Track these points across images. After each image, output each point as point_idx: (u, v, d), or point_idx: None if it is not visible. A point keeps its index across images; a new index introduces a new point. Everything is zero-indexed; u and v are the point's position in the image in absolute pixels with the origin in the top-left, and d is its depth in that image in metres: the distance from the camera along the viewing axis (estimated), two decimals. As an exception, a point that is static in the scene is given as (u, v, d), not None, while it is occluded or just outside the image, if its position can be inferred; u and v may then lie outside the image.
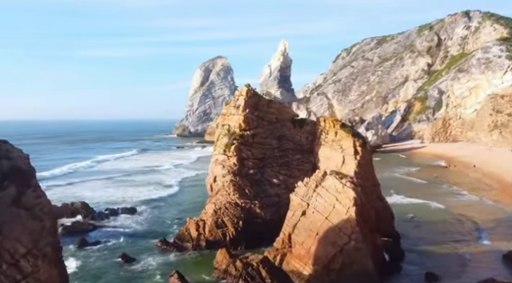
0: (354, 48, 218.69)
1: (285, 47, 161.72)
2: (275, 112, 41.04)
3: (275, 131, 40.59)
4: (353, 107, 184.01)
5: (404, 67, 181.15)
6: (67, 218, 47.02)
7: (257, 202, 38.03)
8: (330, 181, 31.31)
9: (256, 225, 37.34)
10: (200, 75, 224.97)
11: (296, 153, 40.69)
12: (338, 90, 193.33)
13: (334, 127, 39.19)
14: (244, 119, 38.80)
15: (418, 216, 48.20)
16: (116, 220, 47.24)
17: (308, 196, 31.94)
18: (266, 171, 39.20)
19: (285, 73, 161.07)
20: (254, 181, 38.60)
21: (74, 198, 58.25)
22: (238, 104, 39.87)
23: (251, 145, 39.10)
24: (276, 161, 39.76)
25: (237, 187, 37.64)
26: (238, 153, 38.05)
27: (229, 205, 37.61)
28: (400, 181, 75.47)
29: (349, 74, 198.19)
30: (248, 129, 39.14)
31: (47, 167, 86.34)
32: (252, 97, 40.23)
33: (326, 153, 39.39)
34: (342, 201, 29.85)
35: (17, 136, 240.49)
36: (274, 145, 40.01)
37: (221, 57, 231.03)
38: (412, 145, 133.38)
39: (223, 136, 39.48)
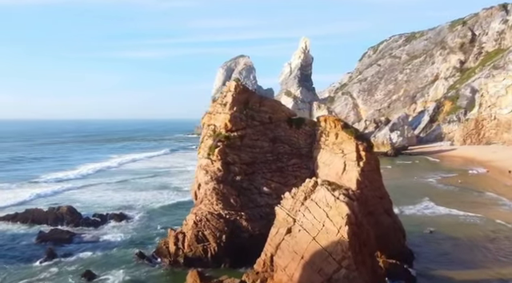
0: (381, 45, 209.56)
1: (305, 44, 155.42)
2: (268, 110, 36.00)
3: (268, 132, 35.55)
4: (379, 107, 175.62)
5: (434, 65, 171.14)
6: (48, 225, 43.88)
7: (243, 214, 33.12)
8: (321, 192, 26.00)
9: (242, 240, 32.44)
10: (222, 74, 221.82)
11: (292, 157, 35.50)
12: (363, 90, 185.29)
13: (335, 128, 33.80)
14: (230, 118, 33.99)
15: (442, 229, 42.05)
16: (101, 227, 43.52)
17: (295, 210, 26.78)
18: (255, 178, 34.23)
19: (305, 71, 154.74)
20: (241, 190, 33.71)
21: (73, 202, 55.50)
22: (226, 101, 35.11)
23: (239, 148, 34.23)
24: (268, 166, 34.71)
25: (220, 196, 32.86)
26: (222, 157, 33.28)
27: (211, 216, 32.87)
28: (428, 187, 68.60)
29: (375, 73, 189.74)
30: (235, 130, 34.30)
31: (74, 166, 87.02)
32: (241, 93, 35.37)
33: (326, 158, 34.05)
34: (333, 218, 24.51)
35: (60, 134, 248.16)
36: (265, 148, 34.98)
37: (243, 57, 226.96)
38: (441, 148, 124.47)
39: (208, 137, 34.83)
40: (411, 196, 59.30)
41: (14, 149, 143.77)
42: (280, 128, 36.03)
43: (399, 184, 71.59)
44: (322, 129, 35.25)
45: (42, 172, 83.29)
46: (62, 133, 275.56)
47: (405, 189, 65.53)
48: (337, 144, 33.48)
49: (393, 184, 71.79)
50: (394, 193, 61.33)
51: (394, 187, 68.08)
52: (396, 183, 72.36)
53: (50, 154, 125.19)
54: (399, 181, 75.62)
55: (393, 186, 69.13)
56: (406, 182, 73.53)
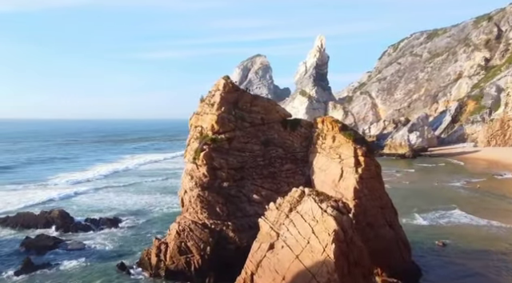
0: (402, 43, 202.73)
1: (321, 43, 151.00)
2: (261, 111, 33.12)
3: (259, 134, 32.67)
4: (398, 107, 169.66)
5: (457, 63, 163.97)
6: (38, 229, 42.35)
7: (230, 224, 30.34)
8: (308, 204, 22.96)
9: (228, 252, 29.65)
10: (238, 74, 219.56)
11: (286, 162, 32.52)
12: (382, 89, 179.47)
13: (332, 130, 30.60)
14: (217, 119, 31.27)
15: (459, 241, 38.35)
16: (90, 233, 41.63)
17: (279, 223, 23.83)
18: (244, 184, 31.40)
19: (321, 70, 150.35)
20: (229, 197, 30.94)
21: (72, 205, 54.20)
22: (213, 101, 32.41)
23: (227, 151, 31.47)
24: (259, 171, 31.83)
25: (205, 204, 30.19)
26: (208, 162, 30.60)
27: (194, 226, 30.24)
28: (449, 192, 64.04)
29: (395, 72, 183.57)
30: (223, 132, 31.57)
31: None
32: (231, 91, 32.61)
33: (322, 164, 30.90)
34: (318, 234, 21.45)
35: (80, 134, 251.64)
36: (256, 152, 32.10)
37: (260, 56, 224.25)
38: (463, 149, 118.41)
39: (194, 140, 32.22)
40: (430, 202, 55.32)
41: (30, 149, 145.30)
42: (273, 130, 33.12)
43: (418, 188, 67.29)
44: (319, 132, 32.14)
45: (51, 174, 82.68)
46: (84, 132, 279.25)
47: (423, 195, 61.45)
48: (334, 148, 30.30)
49: (411, 188, 67.59)
50: (410, 199, 58.28)
51: (411, 192, 64.11)
52: (414, 188, 68.15)
53: (66, 155, 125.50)
54: (418, 185, 71.22)
55: (410, 191, 65.30)
56: (426, 187, 69.15)
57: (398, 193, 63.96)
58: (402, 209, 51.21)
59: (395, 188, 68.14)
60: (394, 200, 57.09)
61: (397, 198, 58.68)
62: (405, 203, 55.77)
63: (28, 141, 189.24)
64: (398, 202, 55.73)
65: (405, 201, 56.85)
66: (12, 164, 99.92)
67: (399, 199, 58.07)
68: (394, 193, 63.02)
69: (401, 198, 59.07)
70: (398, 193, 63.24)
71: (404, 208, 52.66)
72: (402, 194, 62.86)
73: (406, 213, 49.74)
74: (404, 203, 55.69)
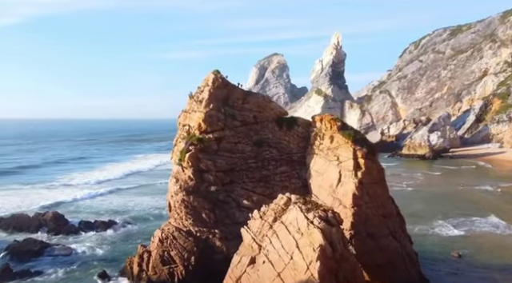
0: (424, 40, 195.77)
1: (338, 40, 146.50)
2: (253, 108, 30.37)
3: (252, 134, 29.93)
4: (419, 106, 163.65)
5: (482, 60, 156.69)
6: (30, 231, 40.94)
7: (217, 232, 27.74)
8: (293, 213, 20.11)
9: (214, 262, 26.99)
10: (255, 73, 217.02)
11: (280, 164, 29.67)
12: (402, 87, 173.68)
13: (331, 129, 27.57)
14: (205, 117, 28.71)
15: (478, 251, 34.70)
16: (81, 236, 39.89)
17: (262, 234, 21.07)
18: (234, 189, 28.72)
19: (337, 68, 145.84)
20: (217, 203, 28.34)
21: (71, 206, 52.83)
22: (202, 97, 29.87)
23: (215, 152, 28.87)
24: (250, 174, 29.09)
25: (190, 210, 27.67)
26: (194, 164, 28.07)
27: (178, 233, 27.77)
28: (474, 197, 59.65)
29: (416, 70, 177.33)
30: (211, 131, 28.99)
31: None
32: (220, 87, 29.99)
33: (320, 166, 27.94)
34: (303, 249, 18.59)
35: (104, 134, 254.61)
36: (248, 153, 29.37)
37: (277, 55, 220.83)
38: (488, 150, 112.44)
39: (181, 140, 29.76)
40: (451, 207, 51.39)
41: (43, 150, 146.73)
42: (267, 129, 30.31)
43: (439, 192, 62.94)
44: (317, 131, 29.18)
45: (62, 174, 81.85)
46: (104, 132, 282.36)
47: (445, 199, 57.35)
48: (332, 149, 27.30)
49: (432, 192, 62.98)
50: (430, 204, 53.80)
51: (432, 196, 59.60)
52: (436, 191, 63.77)
53: (82, 155, 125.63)
54: (440, 188, 66.75)
55: (431, 195, 60.59)
56: (449, 190, 64.79)
57: (418, 196, 60.06)
58: (420, 215, 47.66)
59: (415, 190, 64.23)
60: (412, 204, 53.89)
61: (416, 202, 55.32)
62: (424, 208, 52.00)
63: (48, 140, 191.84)
64: (417, 207, 52.62)
65: (424, 206, 53.05)
66: (32, 163, 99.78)
67: (418, 203, 54.32)
68: (413, 196, 59.63)
69: (420, 202, 55.17)
70: (418, 196, 59.40)
71: (422, 213, 48.97)
72: (421, 198, 58.87)
73: (423, 218, 46.14)
74: (423, 208, 51.92)
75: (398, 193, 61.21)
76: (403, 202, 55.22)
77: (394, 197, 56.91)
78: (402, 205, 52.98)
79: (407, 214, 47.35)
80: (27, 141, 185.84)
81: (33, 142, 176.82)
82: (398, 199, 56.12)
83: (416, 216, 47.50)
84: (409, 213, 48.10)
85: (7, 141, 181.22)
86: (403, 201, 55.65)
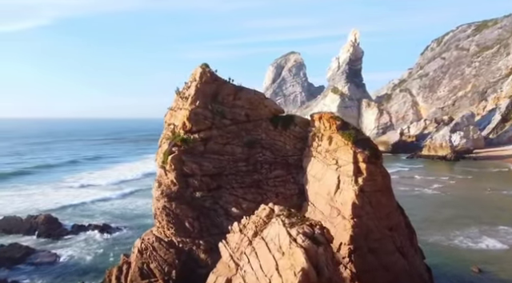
0: (447, 37, 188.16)
1: (355, 37, 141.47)
2: (245, 105, 27.40)
3: (243, 134, 26.97)
4: (441, 105, 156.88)
5: (510, 56, 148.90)
6: (21, 235, 39.29)
7: (202, 243, 24.94)
8: (275, 228, 17.07)
9: (198, 277, 24.15)
10: (272, 72, 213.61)
11: (275, 167, 26.61)
12: (424, 86, 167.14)
13: (330, 129, 24.34)
14: (190, 115, 25.92)
15: (501, 268, 31.14)
16: (70, 241, 37.93)
17: (240, 251, 18.10)
18: (222, 195, 25.84)
19: (354, 66, 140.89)
20: (202, 210, 25.52)
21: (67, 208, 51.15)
22: (188, 93, 27.11)
23: (201, 154, 26.05)
24: (240, 179, 26.15)
25: (172, 218, 24.95)
26: (177, 167, 25.33)
27: (158, 244, 25.10)
28: (501, 203, 55.21)
29: (438, 67, 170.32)
30: (197, 131, 26.18)
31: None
32: (209, 82, 27.14)
33: (317, 171, 24.78)
34: (283, 271, 15.55)
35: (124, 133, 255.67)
36: (238, 156, 26.43)
37: (294, 53, 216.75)
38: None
39: (166, 140, 27.06)
40: (476, 214, 47.31)
41: (61, 148, 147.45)
42: (260, 128, 27.29)
43: (463, 197, 58.46)
44: (315, 131, 25.99)
45: (72, 175, 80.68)
46: (125, 131, 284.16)
47: (469, 205, 53.00)
48: (330, 151, 24.07)
49: (455, 196, 58.34)
50: (452, 210, 49.00)
51: (455, 201, 55.29)
52: (460, 195, 59.32)
53: (98, 154, 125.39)
54: (464, 192, 62.10)
55: (454, 200, 56.23)
56: (474, 195, 60.12)
57: (437, 200, 55.83)
58: (439, 222, 43.75)
59: (434, 195, 59.87)
60: (430, 209, 49.74)
61: (434, 208, 51.02)
62: (443, 214, 48.01)
63: (70, 139, 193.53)
64: (436, 213, 48.45)
65: (444, 212, 49.06)
66: (53, 162, 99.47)
67: (437, 209, 50.05)
68: (432, 201, 55.38)
69: (439, 208, 51.07)
70: (437, 201, 55.18)
71: (441, 220, 45.05)
72: (441, 203, 54.76)
73: (442, 226, 42.33)
74: (442, 214, 47.92)
75: (415, 197, 57.46)
76: (420, 207, 51.71)
77: (409, 201, 52.76)
78: (419, 211, 49.76)
79: (423, 221, 43.92)
80: (51, 139, 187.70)
81: (58, 141, 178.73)
82: (414, 204, 52.85)
83: (433, 223, 43.76)
84: (425, 219, 44.52)
85: (29, 139, 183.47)
86: (420, 207, 52.06)
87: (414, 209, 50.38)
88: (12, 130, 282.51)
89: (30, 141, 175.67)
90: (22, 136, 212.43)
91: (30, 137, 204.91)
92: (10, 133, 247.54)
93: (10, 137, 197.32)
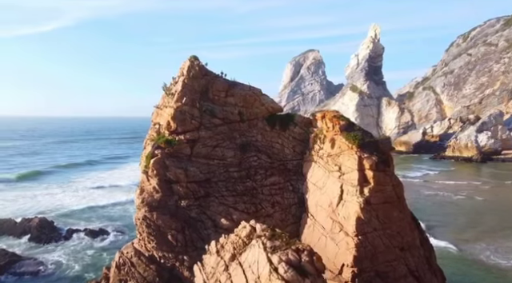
0: (473, 32, 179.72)
1: (375, 33, 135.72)
2: (238, 103, 24.33)
3: (235, 135, 23.92)
4: (467, 103, 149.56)
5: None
6: (12, 238, 37.56)
7: (186, 258, 22.02)
8: (254, 252, 13.94)
9: (181, 298, 21.38)
10: (290, 70, 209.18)
11: (271, 173, 23.46)
12: (448, 83, 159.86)
13: (332, 130, 21.02)
14: (174, 114, 23.04)
15: None
16: (61, 247, 35.88)
17: (215, 277, 15.06)
18: (210, 204, 22.85)
19: (374, 63, 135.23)
20: (188, 221, 22.61)
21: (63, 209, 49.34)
22: (175, 89, 24.24)
23: (187, 158, 23.14)
24: (231, 186, 23.10)
25: (153, 230, 22.13)
26: (160, 172, 22.50)
27: (137, 259, 22.33)
28: None
29: (464, 64, 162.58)
30: (183, 132, 23.28)
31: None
32: (198, 77, 24.19)
33: (318, 178, 21.53)
34: (258, 309, 12.35)
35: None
36: (229, 160, 23.39)
37: (312, 51, 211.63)
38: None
39: (150, 142, 24.27)
40: (504, 226, 42.29)
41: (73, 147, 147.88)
42: (255, 129, 24.19)
43: (490, 204, 53.01)
44: (318, 133, 22.71)
45: (81, 176, 79.39)
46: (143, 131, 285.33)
47: (501, 214, 47.88)
48: (332, 156, 20.74)
49: (479, 203, 53.43)
50: (479, 220, 44.01)
51: (479, 209, 50.11)
52: (485, 203, 53.81)
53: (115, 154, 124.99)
54: (491, 199, 56.48)
55: (477, 208, 50.87)
56: (503, 203, 54.77)
57: (462, 208, 50.63)
58: (463, 233, 39.05)
59: (459, 201, 54.65)
60: (453, 218, 44.82)
61: (458, 216, 45.58)
62: (469, 224, 43.35)
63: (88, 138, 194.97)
64: (460, 222, 42.91)
65: (469, 222, 44.37)
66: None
67: (461, 218, 44.77)
68: (456, 209, 49.50)
69: (463, 217, 46.18)
70: (463, 209, 49.93)
71: (466, 231, 40.42)
72: (466, 211, 49.71)
73: (466, 239, 38.07)
74: (467, 224, 43.21)
75: (444, 205, 52.41)
76: (450, 216, 46.66)
77: (437, 209, 48.35)
78: (448, 220, 45.18)
79: (453, 232, 39.34)
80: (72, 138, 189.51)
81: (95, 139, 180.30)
82: (443, 212, 48.09)
83: (457, 235, 39.49)
84: (457, 230, 40.08)
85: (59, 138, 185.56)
86: (450, 215, 46.96)
87: (441, 217, 46.06)
88: (39, 129, 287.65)
89: (50, 139, 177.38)
90: (50, 135, 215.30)
91: (51, 135, 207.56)
92: (40, 131, 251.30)
93: (34, 136, 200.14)
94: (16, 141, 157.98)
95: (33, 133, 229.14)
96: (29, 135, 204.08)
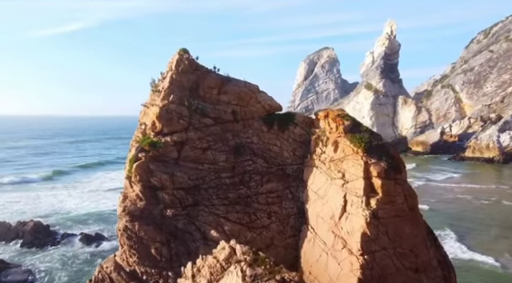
0: (495, 28, 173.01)
1: (391, 29, 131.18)
2: (233, 101, 21.86)
3: (229, 137, 21.49)
4: (488, 101, 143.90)
5: None
6: (4, 243, 36.13)
7: (171, 275, 19.66)
8: (232, 280, 11.45)
9: (165, 319, 19.08)
10: (304, 68, 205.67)
11: (268, 179, 20.96)
12: (468, 81, 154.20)
13: (336, 131, 18.39)
14: (160, 113, 20.73)
15: None
16: (53, 252, 34.26)
17: (188, 307, 12.58)
18: (199, 214, 20.47)
19: (390, 60, 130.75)
20: (175, 233, 20.28)
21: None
22: (163, 86, 21.94)
23: (175, 162, 20.80)
24: (222, 194, 20.68)
25: (135, 242, 19.87)
26: (143, 178, 20.23)
27: (117, 275, 20.10)
28: None
29: (485, 61, 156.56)
30: (169, 133, 20.95)
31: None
32: (187, 72, 21.83)
33: (320, 186, 18.95)
34: None
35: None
36: (221, 164, 20.96)
37: (327, 49, 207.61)
38: None
39: (135, 144, 22.04)
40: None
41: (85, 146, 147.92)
42: (251, 130, 21.70)
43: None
44: (320, 134, 20.09)
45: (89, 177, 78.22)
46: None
47: None
48: (335, 161, 18.11)
49: (506, 210, 49.37)
50: (507, 230, 39.87)
51: (506, 217, 45.74)
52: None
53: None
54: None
55: (505, 215, 46.79)
56: None
57: (487, 215, 46.43)
58: (499, 245, 35.57)
59: (483, 207, 50.34)
60: (487, 227, 40.38)
61: (482, 226, 41.50)
62: (505, 234, 39.32)
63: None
64: (495, 232, 38.95)
65: (504, 231, 40.23)
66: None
67: (496, 227, 40.67)
68: (481, 217, 44.10)
69: (498, 226, 41.90)
70: (488, 217, 45.62)
71: (502, 242, 36.64)
72: (499, 219, 45.42)
73: (502, 250, 34.51)
74: (504, 234, 39.11)
75: (464, 209, 48.40)
76: (471, 221, 42.78)
77: (458, 214, 44.44)
78: (471, 226, 41.30)
79: (476, 241, 35.61)
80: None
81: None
82: (464, 218, 44.05)
83: (490, 245, 35.73)
84: (479, 239, 36.35)
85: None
86: (471, 220, 43.06)
87: (470, 223, 41.89)
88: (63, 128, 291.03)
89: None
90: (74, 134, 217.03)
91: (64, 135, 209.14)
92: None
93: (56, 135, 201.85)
94: (33, 141, 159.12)
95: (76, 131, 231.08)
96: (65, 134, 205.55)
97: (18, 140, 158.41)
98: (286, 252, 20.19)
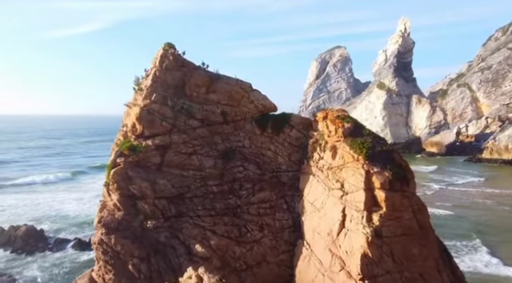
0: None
1: (405, 26, 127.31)
2: (222, 100, 19.74)
3: (218, 140, 19.38)
4: (507, 101, 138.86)
5: None
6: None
7: (151, 294, 17.68)
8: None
9: None
10: (316, 67, 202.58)
11: (260, 187, 18.78)
12: (486, 80, 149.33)
13: (335, 134, 16.09)
14: (140, 114, 18.74)
15: None
16: (42, 260, 32.46)
17: None
18: (183, 226, 18.43)
19: (403, 58, 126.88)
20: (156, 247, 18.27)
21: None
22: (145, 84, 19.94)
23: (157, 168, 18.79)
24: (209, 204, 18.59)
25: (111, 257, 17.93)
26: (121, 186, 18.26)
27: (92, 293, 18.19)
28: None
29: (503, 59, 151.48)
30: (151, 136, 18.94)
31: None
32: (172, 69, 19.79)
33: (317, 196, 16.71)
34: None
35: None
36: (208, 171, 18.86)
37: (339, 48, 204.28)
38: None
39: (116, 147, 20.09)
40: None
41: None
42: (242, 132, 19.55)
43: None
44: (318, 137, 17.83)
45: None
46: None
47: None
48: (333, 169, 15.85)
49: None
50: None
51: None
52: None
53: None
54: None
55: None
56: None
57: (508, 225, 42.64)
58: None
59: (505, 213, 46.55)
60: (498, 239, 36.62)
61: (503, 238, 37.97)
62: None
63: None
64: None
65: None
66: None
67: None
68: (502, 227, 41.85)
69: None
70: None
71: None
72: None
73: None
74: None
75: (486, 217, 43.86)
76: (495, 228, 38.65)
77: (486, 222, 40.03)
78: (495, 235, 37.17)
79: (502, 257, 31.77)
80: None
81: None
82: (494, 226, 39.34)
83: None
84: (506, 254, 32.45)
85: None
86: (495, 227, 38.86)
87: (501, 234, 37.68)
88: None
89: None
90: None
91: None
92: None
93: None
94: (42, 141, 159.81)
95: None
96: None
97: (30, 140, 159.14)
98: (279, 269, 18.02)
